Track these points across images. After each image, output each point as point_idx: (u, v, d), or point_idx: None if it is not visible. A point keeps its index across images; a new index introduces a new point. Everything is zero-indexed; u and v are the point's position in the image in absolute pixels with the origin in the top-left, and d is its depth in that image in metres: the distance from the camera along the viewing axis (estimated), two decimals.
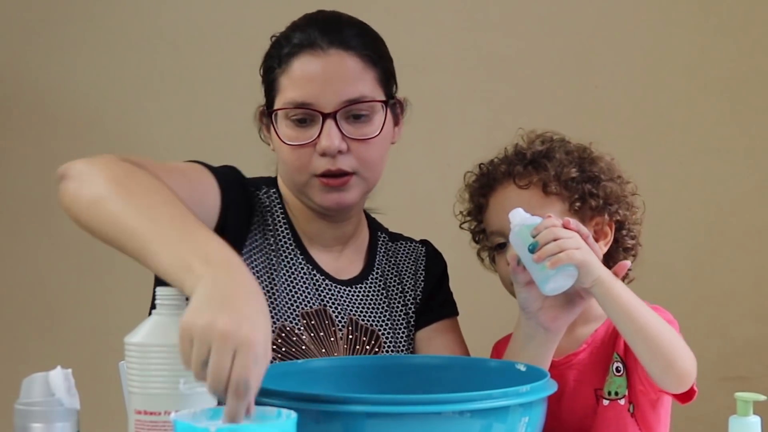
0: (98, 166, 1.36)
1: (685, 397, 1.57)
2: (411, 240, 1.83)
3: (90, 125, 2.80)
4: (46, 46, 2.79)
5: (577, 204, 1.68)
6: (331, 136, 1.58)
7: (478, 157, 1.81)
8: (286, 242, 1.68)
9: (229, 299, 1.11)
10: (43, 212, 2.81)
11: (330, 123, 1.58)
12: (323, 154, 1.59)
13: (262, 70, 1.69)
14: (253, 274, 1.60)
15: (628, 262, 1.57)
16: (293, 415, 1.06)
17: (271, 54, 1.66)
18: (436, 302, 1.77)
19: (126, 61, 2.80)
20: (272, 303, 1.63)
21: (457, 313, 1.81)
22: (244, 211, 1.64)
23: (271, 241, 1.67)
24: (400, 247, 1.81)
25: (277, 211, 1.69)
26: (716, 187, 2.75)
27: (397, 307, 1.74)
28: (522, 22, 2.78)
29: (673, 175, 2.75)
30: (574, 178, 1.68)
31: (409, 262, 1.80)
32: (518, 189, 1.69)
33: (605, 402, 1.65)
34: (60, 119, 2.80)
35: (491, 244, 1.73)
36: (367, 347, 1.68)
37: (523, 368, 1.44)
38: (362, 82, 1.61)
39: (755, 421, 1.35)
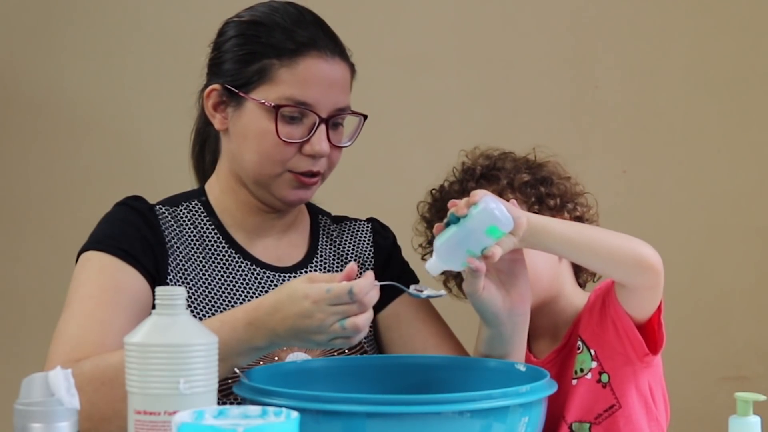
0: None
1: (654, 341, 1.58)
2: (356, 220, 1.84)
3: (90, 126, 2.79)
4: (46, 46, 2.79)
5: (536, 206, 1.71)
6: (325, 141, 1.64)
7: None
8: (216, 245, 1.70)
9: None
10: (43, 212, 2.80)
11: (323, 128, 1.64)
12: (311, 156, 1.64)
13: (236, 46, 1.69)
14: (187, 282, 1.63)
15: None
16: (294, 414, 1.06)
17: (259, 38, 1.67)
18: (391, 275, 1.73)
19: (126, 61, 2.80)
20: (213, 305, 1.65)
21: (417, 281, 1.79)
22: (153, 237, 1.65)
23: (199, 249, 1.68)
24: (345, 228, 1.82)
25: (201, 220, 1.71)
26: (716, 187, 2.75)
27: None
28: (521, 22, 2.78)
29: (673, 175, 2.75)
30: (527, 182, 1.72)
31: (351, 242, 1.79)
32: None
33: (574, 382, 1.67)
34: (60, 120, 2.80)
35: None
36: None
37: (523, 368, 1.45)
38: (348, 93, 1.69)
39: (755, 421, 1.36)
